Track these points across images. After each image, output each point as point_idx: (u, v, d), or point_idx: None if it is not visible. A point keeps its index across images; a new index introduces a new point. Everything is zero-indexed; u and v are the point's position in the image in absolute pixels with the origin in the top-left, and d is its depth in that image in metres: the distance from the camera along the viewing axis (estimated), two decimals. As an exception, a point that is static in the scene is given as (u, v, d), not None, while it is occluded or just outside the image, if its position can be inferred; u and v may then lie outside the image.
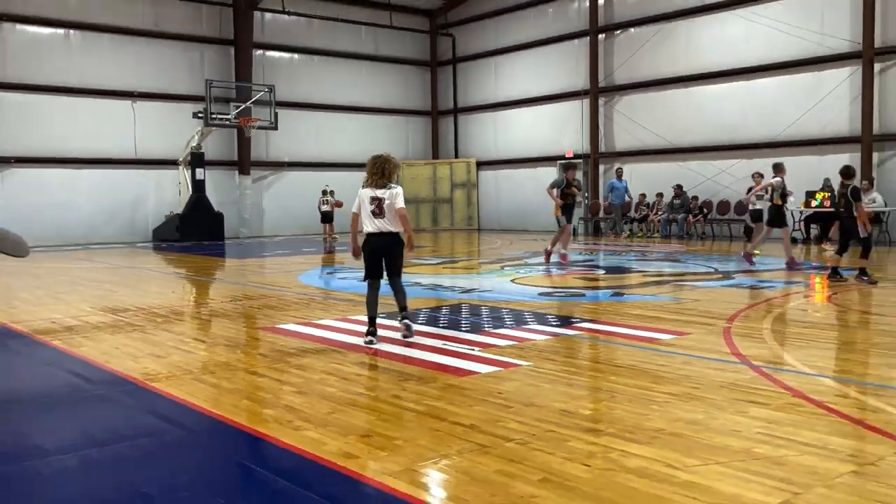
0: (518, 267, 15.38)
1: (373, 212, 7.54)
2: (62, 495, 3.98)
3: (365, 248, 7.70)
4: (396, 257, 7.72)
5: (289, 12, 27.99)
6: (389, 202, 7.53)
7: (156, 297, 12.07)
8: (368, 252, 7.67)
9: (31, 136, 23.35)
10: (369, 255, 7.67)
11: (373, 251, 7.64)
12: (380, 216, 7.54)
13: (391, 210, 7.53)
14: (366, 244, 7.67)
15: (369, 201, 7.56)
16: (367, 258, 7.71)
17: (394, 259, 7.71)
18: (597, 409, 5.37)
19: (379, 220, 7.54)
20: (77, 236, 23.74)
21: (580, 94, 26.77)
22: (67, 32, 24.23)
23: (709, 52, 23.24)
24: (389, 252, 7.66)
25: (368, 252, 7.67)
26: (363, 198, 7.61)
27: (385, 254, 7.64)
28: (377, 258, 7.65)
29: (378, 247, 7.61)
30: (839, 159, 20.49)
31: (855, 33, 20.10)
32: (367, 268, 7.76)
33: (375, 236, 7.58)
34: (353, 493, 3.87)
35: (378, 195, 7.53)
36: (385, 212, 7.53)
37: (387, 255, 7.65)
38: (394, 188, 7.60)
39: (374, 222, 7.55)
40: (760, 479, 3.82)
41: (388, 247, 7.64)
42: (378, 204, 7.53)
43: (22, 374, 7.12)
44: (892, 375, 6.28)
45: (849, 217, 11.81)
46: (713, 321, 8.54)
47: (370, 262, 7.70)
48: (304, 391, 5.86)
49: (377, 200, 7.53)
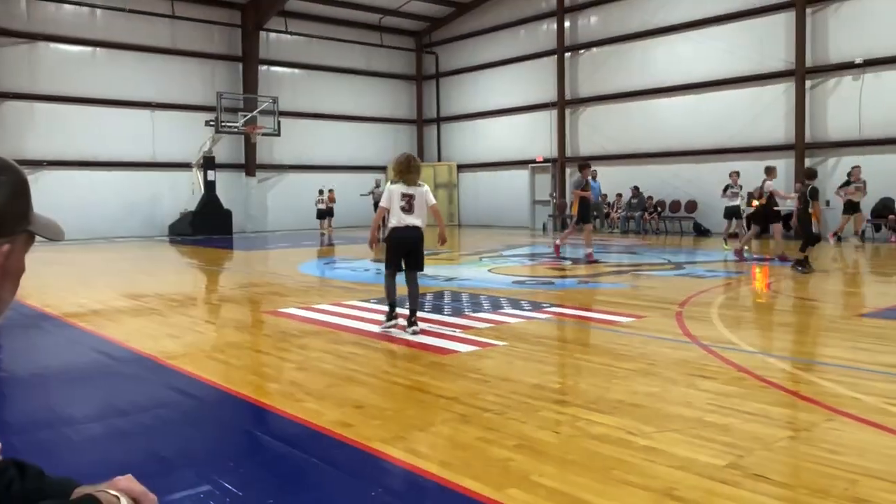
0: (494, 258, 15.37)
1: (402, 207, 7.08)
2: (90, 459, 3.94)
3: (390, 240, 7.25)
4: (420, 251, 7.27)
5: (291, 33, 27.88)
6: (420, 199, 7.13)
7: (172, 284, 11.97)
8: (394, 244, 7.22)
9: (61, 141, 23.10)
10: (395, 247, 7.21)
11: (399, 244, 7.19)
12: (409, 212, 7.10)
13: (421, 206, 7.13)
14: (391, 237, 7.23)
15: (400, 197, 7.10)
16: (391, 250, 7.26)
17: (417, 253, 7.25)
18: (565, 383, 5.36)
19: (408, 215, 7.10)
20: (101, 231, 23.49)
21: (549, 105, 26.73)
22: (94, 50, 23.97)
23: (662, 70, 23.27)
24: (415, 246, 7.22)
25: (394, 244, 7.22)
26: (394, 193, 7.13)
27: (410, 247, 7.20)
28: (402, 251, 7.20)
29: (405, 240, 7.15)
30: (777, 164, 20.65)
31: (789, 54, 20.19)
32: (389, 259, 7.30)
33: (402, 230, 7.11)
34: (349, 457, 3.84)
35: (410, 192, 7.11)
36: (415, 208, 7.11)
37: (412, 248, 7.21)
38: (423, 185, 7.22)
39: (402, 217, 7.08)
40: (710, 444, 3.82)
41: (413, 241, 7.19)
42: (409, 200, 7.10)
43: (54, 351, 7.04)
44: (822, 353, 6.31)
45: (803, 213, 11.94)
46: (667, 306, 8.55)
47: (394, 254, 7.23)
48: (305, 367, 5.83)
49: (408, 197, 7.10)
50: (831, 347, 6.47)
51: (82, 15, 23.65)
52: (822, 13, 19.76)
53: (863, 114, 18.97)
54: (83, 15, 23.67)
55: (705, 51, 21.95)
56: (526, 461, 3.64)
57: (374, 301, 9.32)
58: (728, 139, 21.50)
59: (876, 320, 7.70)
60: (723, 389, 4.89)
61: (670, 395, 4.79)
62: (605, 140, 25.07)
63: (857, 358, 5.85)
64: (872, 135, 18.65)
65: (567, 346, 6.81)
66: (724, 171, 21.57)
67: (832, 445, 3.79)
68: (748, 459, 3.60)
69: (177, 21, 25.21)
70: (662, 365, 5.65)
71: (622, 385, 5.08)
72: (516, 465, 3.59)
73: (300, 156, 28.43)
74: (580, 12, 25.78)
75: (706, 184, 21.76)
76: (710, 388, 4.95)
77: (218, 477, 3.54)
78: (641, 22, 23.55)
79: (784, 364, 5.74)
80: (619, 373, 5.43)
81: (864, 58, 18.78)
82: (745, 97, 21.28)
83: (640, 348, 6.29)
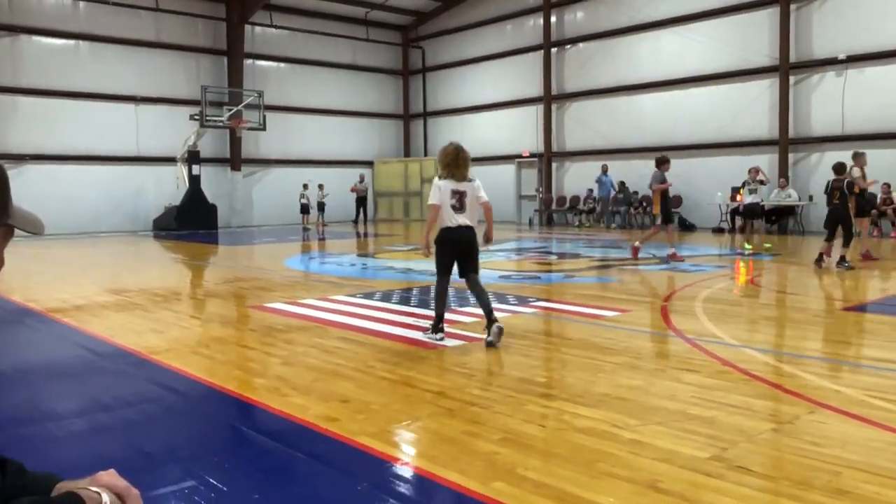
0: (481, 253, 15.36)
1: (453, 206, 6.33)
2: (74, 454, 3.92)
3: (441, 243, 6.47)
4: (475, 253, 6.54)
5: (276, 26, 27.73)
6: (471, 195, 6.40)
7: (156, 279, 11.90)
8: (446, 247, 6.46)
9: (43, 135, 22.88)
10: (447, 250, 6.46)
11: (451, 246, 6.44)
12: (460, 210, 6.34)
13: (473, 203, 6.41)
14: (442, 239, 6.45)
15: (450, 195, 6.34)
16: (443, 253, 6.47)
17: (472, 255, 6.51)
18: (550, 377, 5.38)
19: (460, 214, 6.35)
20: (85, 225, 23.31)
21: (535, 100, 26.74)
22: (77, 43, 23.74)
23: (648, 65, 23.33)
24: (469, 247, 6.48)
25: (446, 247, 6.46)
26: (444, 190, 6.34)
27: (464, 249, 6.46)
28: (454, 254, 6.46)
29: (457, 241, 6.41)
30: (761, 159, 20.81)
31: (773, 50, 20.30)
32: (441, 263, 6.49)
33: (454, 230, 6.37)
34: (334, 451, 3.84)
35: (460, 188, 6.35)
36: (466, 206, 6.36)
37: (465, 250, 6.47)
38: (474, 180, 6.47)
39: (454, 217, 6.34)
40: (694, 437, 3.85)
41: (467, 242, 6.44)
42: (459, 198, 6.35)
43: (37, 347, 6.98)
44: (805, 346, 6.36)
45: (843, 208, 11.40)
46: (652, 300, 8.60)
47: (445, 258, 6.47)
48: (290, 362, 5.81)
49: (459, 194, 6.34)
50: (814, 341, 6.52)
51: (65, 7, 23.43)
52: (806, 9, 19.88)
53: (846, 109, 19.11)
54: (66, 7, 23.44)
55: (691, 46, 22.04)
56: (512, 455, 3.65)
57: (359, 296, 9.30)
58: (713, 134, 21.61)
59: (858, 314, 7.77)
60: (707, 382, 4.92)
61: (655, 389, 4.81)
62: (591, 135, 25.12)
63: (840, 351, 5.91)
64: (856, 130, 18.79)
65: (553, 340, 6.82)
66: (709, 167, 21.81)
67: (815, 438, 3.82)
68: (732, 452, 3.62)
69: (161, 14, 25.01)
70: (647, 358, 5.67)
71: (607, 378, 5.10)
72: (502, 459, 3.60)
73: (286, 150, 28.31)
74: (566, 7, 25.80)
75: (691, 179, 21.87)
76: (695, 381, 4.97)
77: (203, 472, 3.53)
78: (627, 17, 23.60)
79: (767, 357, 5.78)
80: (604, 366, 5.45)
81: (847, 54, 18.91)
82: (730, 93, 21.39)
83: (625, 342, 6.31)
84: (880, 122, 18.46)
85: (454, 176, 6.39)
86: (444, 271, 6.54)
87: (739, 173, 20.56)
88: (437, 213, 6.40)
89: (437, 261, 6.53)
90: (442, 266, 6.52)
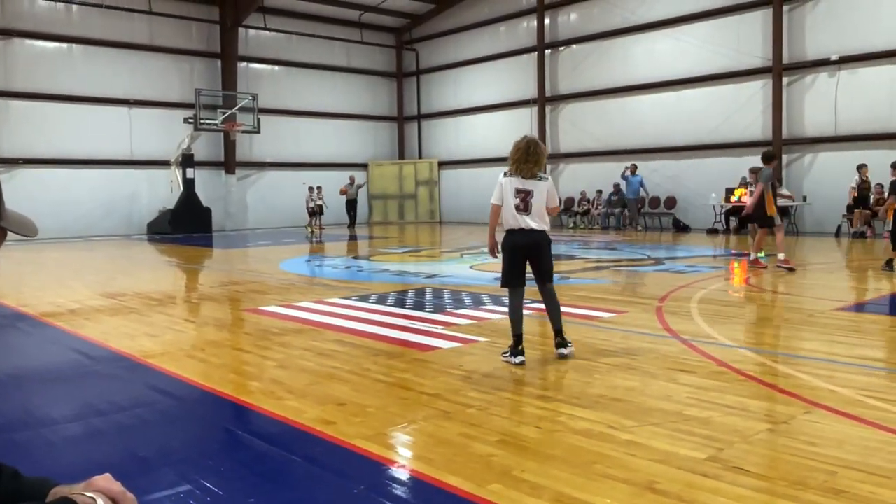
0: (476, 255, 15.38)
1: (517, 206, 5.66)
2: (68, 459, 3.90)
3: (505, 249, 5.83)
4: (545, 258, 5.81)
5: (270, 29, 27.71)
6: (540, 196, 5.69)
7: (151, 283, 11.86)
8: (509, 252, 5.80)
9: (36, 139, 22.81)
10: (510, 255, 5.80)
11: (515, 251, 5.78)
12: (524, 212, 5.66)
13: (541, 205, 5.71)
14: (506, 245, 5.82)
15: (514, 193, 5.68)
16: (508, 262, 5.83)
17: (542, 260, 5.80)
18: (546, 379, 5.37)
19: (523, 215, 5.67)
20: (78, 229, 23.23)
21: (529, 102, 26.76)
22: (70, 46, 23.67)
23: (641, 67, 23.38)
24: (538, 252, 5.78)
25: (509, 252, 5.80)
26: (506, 188, 5.71)
27: (531, 254, 5.79)
28: (520, 259, 5.80)
29: (522, 245, 5.74)
30: (755, 160, 20.84)
31: (766, 51, 20.35)
32: (508, 273, 5.85)
33: (518, 234, 5.72)
34: (331, 455, 3.83)
35: (526, 187, 5.67)
36: (532, 207, 5.67)
37: (534, 255, 5.80)
38: (545, 180, 5.76)
39: (518, 219, 5.68)
40: (690, 438, 3.85)
41: (534, 246, 5.75)
42: (524, 197, 5.66)
43: (30, 352, 6.96)
44: (800, 346, 6.38)
45: None
46: (647, 301, 8.60)
47: (511, 265, 5.81)
48: (286, 366, 5.79)
49: (523, 193, 5.67)
50: (809, 341, 6.53)
51: (58, 10, 23.36)
52: (799, 11, 19.95)
53: (839, 110, 19.18)
54: (59, 10, 23.37)
55: (684, 48, 22.09)
56: (508, 457, 3.65)
57: (354, 298, 9.29)
58: (706, 135, 21.67)
59: (852, 314, 7.79)
60: (702, 383, 4.93)
61: (651, 390, 4.81)
62: (585, 136, 25.15)
63: (834, 351, 5.92)
64: (848, 131, 18.86)
65: (548, 342, 6.81)
66: (703, 168, 21.87)
67: (810, 438, 3.83)
68: (728, 452, 3.63)
69: (154, 17, 24.97)
70: (643, 359, 5.68)
71: (603, 380, 5.10)
72: (498, 461, 3.59)
73: (280, 153, 28.28)
74: (560, 9, 25.83)
75: (685, 180, 21.91)
76: (690, 382, 4.98)
77: (198, 476, 3.52)
78: (621, 19, 23.64)
79: (762, 358, 5.79)
80: (600, 368, 5.45)
81: (839, 55, 18.98)
82: (724, 94, 21.44)
83: (620, 343, 6.32)
84: (873, 122, 18.53)
85: (521, 172, 5.71)
86: (513, 283, 5.83)
87: (733, 174, 20.71)
88: (497, 213, 5.80)
89: (504, 272, 5.88)
90: (510, 277, 5.83)
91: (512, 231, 5.76)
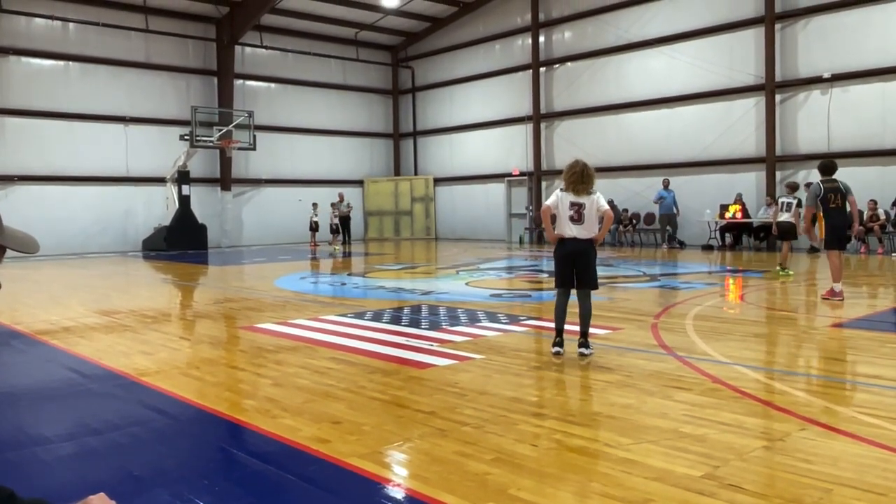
0: (472, 272, 15.38)
1: (571, 217, 6.54)
2: (62, 479, 3.87)
3: (557, 255, 6.71)
4: (591, 266, 6.58)
5: (266, 47, 27.84)
6: (591, 208, 6.53)
7: (146, 300, 11.83)
8: (561, 257, 6.65)
9: (32, 156, 22.84)
10: (562, 260, 6.64)
11: (566, 256, 6.60)
12: (578, 222, 6.54)
13: (591, 217, 6.54)
14: (558, 251, 6.70)
15: (569, 206, 6.56)
16: (559, 265, 6.69)
17: (588, 267, 6.57)
18: (542, 396, 5.37)
19: (577, 225, 6.54)
20: (73, 246, 23.19)
21: (524, 119, 26.90)
22: (67, 64, 23.75)
23: (636, 84, 23.54)
24: (585, 260, 6.56)
25: (561, 257, 6.65)
26: (563, 200, 6.60)
27: (579, 261, 6.55)
28: (570, 264, 6.58)
29: (572, 252, 6.56)
30: (748, 177, 21.01)
31: (759, 69, 20.52)
32: (556, 275, 6.75)
33: (570, 242, 6.56)
34: (326, 473, 3.81)
35: (579, 201, 6.54)
36: (584, 219, 6.53)
37: (581, 262, 6.55)
38: (594, 194, 6.60)
39: (571, 228, 6.55)
40: (686, 455, 3.84)
41: (583, 253, 6.54)
42: (578, 210, 6.54)
43: (24, 369, 6.92)
44: (795, 363, 6.38)
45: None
46: (642, 318, 8.61)
47: (562, 269, 6.65)
48: (281, 383, 5.78)
49: (577, 206, 6.54)
50: (804, 358, 6.54)
51: (54, 28, 23.44)
52: (791, 28, 20.13)
53: (831, 127, 19.32)
54: (55, 28, 23.46)
55: (677, 65, 22.26)
56: (504, 475, 3.64)
57: (350, 315, 9.28)
58: (700, 152, 21.79)
59: (847, 330, 7.80)
60: (698, 400, 4.93)
61: (646, 407, 4.81)
62: (580, 153, 24.84)
63: (830, 368, 5.92)
64: (841, 147, 18.97)
65: (544, 359, 6.81)
66: (698, 184, 21.96)
67: (806, 455, 3.83)
68: (723, 470, 3.62)
69: (151, 35, 25.07)
70: (638, 376, 5.67)
71: (599, 397, 5.10)
72: (494, 479, 3.58)
73: (276, 170, 28.33)
74: (554, 27, 26.03)
75: (680, 196, 21.98)
76: (686, 399, 4.98)
77: (193, 495, 3.50)
78: (615, 37, 23.82)
79: (758, 374, 5.79)
80: (595, 385, 5.45)
81: (831, 72, 19.14)
82: (717, 111, 21.59)
83: (616, 360, 6.32)
84: (866, 139, 18.66)
85: (576, 191, 6.60)
86: (559, 283, 6.74)
87: (727, 191, 20.81)
88: (547, 213, 6.78)
89: (555, 272, 6.80)
90: (558, 277, 6.75)
91: (563, 240, 6.63)
